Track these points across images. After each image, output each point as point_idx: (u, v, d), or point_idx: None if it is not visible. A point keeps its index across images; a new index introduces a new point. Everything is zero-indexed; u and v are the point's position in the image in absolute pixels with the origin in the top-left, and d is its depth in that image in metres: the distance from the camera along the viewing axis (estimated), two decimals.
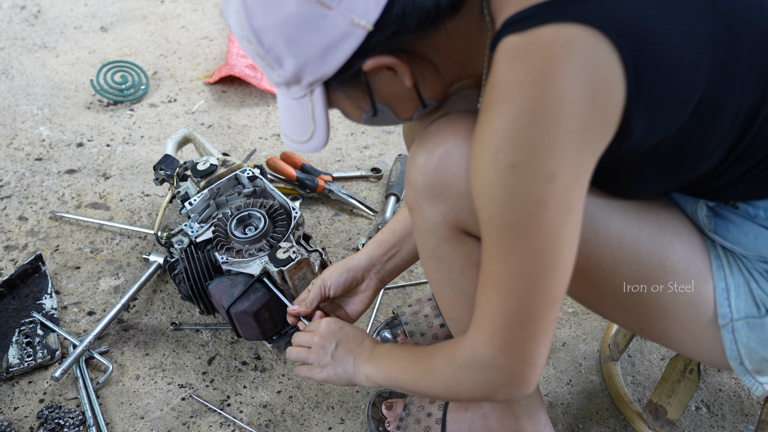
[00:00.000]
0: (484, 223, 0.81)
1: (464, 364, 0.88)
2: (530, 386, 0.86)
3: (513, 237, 0.78)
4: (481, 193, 0.80)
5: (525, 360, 0.83)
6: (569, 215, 0.78)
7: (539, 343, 0.82)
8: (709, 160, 0.87)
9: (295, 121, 0.91)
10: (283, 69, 0.83)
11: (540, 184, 0.75)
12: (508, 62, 0.76)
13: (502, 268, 0.80)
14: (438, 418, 1.21)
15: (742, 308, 0.93)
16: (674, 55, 0.77)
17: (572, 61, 0.73)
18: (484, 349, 0.85)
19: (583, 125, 0.75)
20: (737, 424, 1.34)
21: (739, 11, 0.81)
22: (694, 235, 0.96)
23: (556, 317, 0.82)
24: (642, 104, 0.78)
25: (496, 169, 0.76)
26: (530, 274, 0.79)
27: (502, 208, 0.78)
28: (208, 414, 1.37)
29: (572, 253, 0.80)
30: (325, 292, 1.19)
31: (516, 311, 0.81)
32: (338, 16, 0.78)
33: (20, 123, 2.14)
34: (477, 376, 0.87)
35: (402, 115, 0.92)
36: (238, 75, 2.21)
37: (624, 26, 0.75)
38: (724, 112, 0.82)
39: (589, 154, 0.77)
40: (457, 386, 0.91)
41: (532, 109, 0.74)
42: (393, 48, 0.81)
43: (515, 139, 0.75)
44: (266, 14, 0.80)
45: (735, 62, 0.80)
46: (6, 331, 1.49)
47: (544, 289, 0.80)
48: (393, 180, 1.85)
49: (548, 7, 0.76)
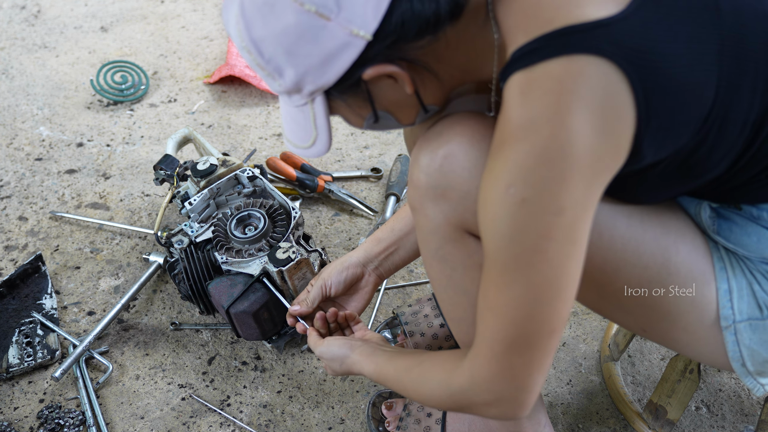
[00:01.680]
0: (488, 252, 0.81)
1: (461, 390, 0.89)
2: (524, 411, 0.86)
3: (517, 268, 0.78)
4: (488, 226, 0.80)
5: (521, 386, 0.83)
6: (574, 246, 0.78)
7: (536, 370, 0.82)
8: (716, 169, 0.87)
9: (297, 128, 0.91)
10: (283, 79, 0.83)
11: (548, 218, 0.76)
12: (520, 99, 0.76)
13: (503, 298, 0.80)
14: (438, 419, 1.21)
15: (744, 310, 0.93)
16: (683, 76, 0.77)
17: (584, 94, 0.74)
18: (481, 374, 0.85)
19: (595, 158, 0.75)
20: (737, 424, 1.34)
21: (745, 22, 0.81)
22: (698, 237, 0.96)
23: (555, 347, 0.82)
24: (652, 129, 0.78)
25: (506, 203, 0.76)
26: (531, 304, 0.79)
27: (508, 241, 0.78)
28: (208, 414, 1.37)
29: (575, 283, 0.80)
30: (326, 292, 1.19)
31: (514, 339, 0.81)
32: (337, 27, 0.77)
33: (20, 123, 2.14)
34: (473, 400, 0.88)
35: (404, 120, 0.92)
36: (238, 75, 2.21)
37: (633, 53, 0.75)
38: (731, 123, 0.82)
39: (599, 185, 0.78)
40: (452, 407, 0.92)
41: (545, 146, 0.74)
42: (393, 57, 0.81)
43: (527, 175, 0.75)
44: (265, 26, 0.80)
45: (741, 74, 0.80)
46: (6, 331, 1.49)
47: (544, 320, 0.80)
48: (393, 180, 1.85)
49: (556, 38, 0.76)
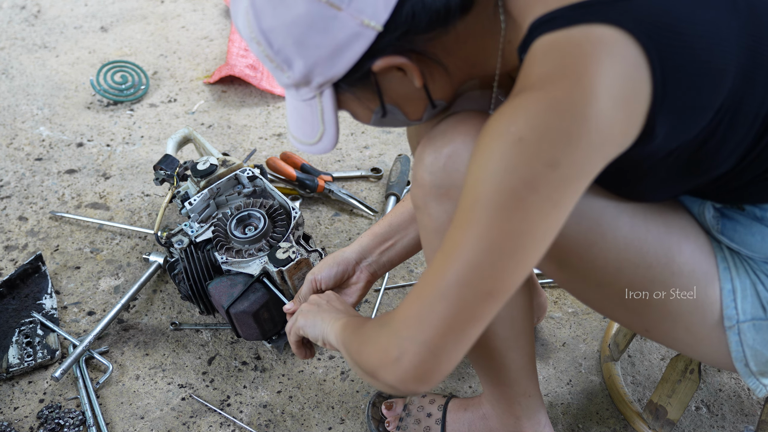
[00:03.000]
0: (465, 189, 0.75)
1: (383, 323, 0.83)
2: (424, 381, 0.77)
3: (486, 206, 0.72)
4: (476, 159, 0.75)
5: (434, 346, 0.76)
6: (554, 209, 0.73)
7: (458, 335, 0.75)
8: (723, 165, 0.86)
9: (304, 123, 0.91)
10: (292, 71, 0.83)
11: (538, 167, 0.72)
12: (540, 57, 0.75)
13: (459, 236, 0.74)
14: (438, 419, 1.21)
15: (748, 310, 0.92)
16: (702, 58, 0.76)
17: (603, 60, 0.72)
18: (398, 319, 0.79)
19: (605, 124, 0.72)
20: (737, 424, 1.34)
21: (759, 15, 0.81)
22: (701, 237, 0.96)
23: (489, 316, 0.75)
24: (667, 108, 0.77)
25: (502, 139, 0.73)
26: (484, 251, 0.73)
27: (490, 176, 0.73)
28: (208, 414, 1.37)
29: (540, 250, 0.74)
30: (316, 286, 1.19)
31: (449, 287, 0.74)
32: (348, 17, 0.77)
33: (20, 123, 2.14)
34: (384, 340, 0.81)
35: (411, 115, 0.92)
36: (238, 75, 2.21)
37: (653, 28, 0.74)
38: (742, 117, 0.81)
39: (601, 157, 0.75)
40: (363, 344, 0.85)
41: (557, 98, 0.72)
42: (403, 49, 0.81)
43: (532, 119, 0.72)
44: (276, 16, 0.79)
45: (756, 68, 0.80)
46: (6, 331, 1.49)
47: (490, 275, 0.73)
48: (393, 180, 1.85)
49: (577, 8, 0.75)
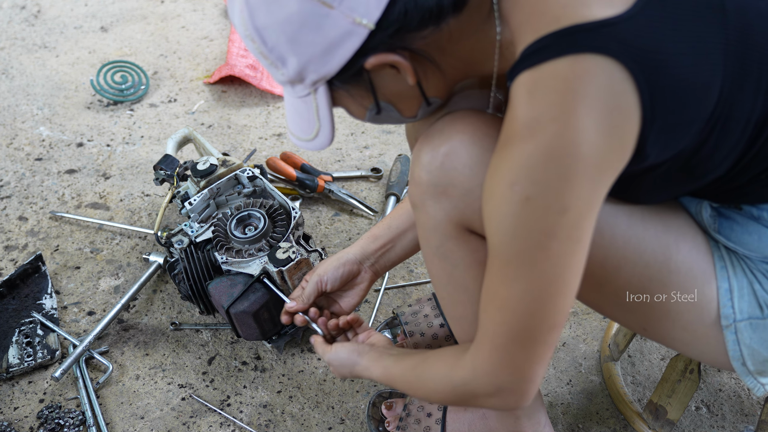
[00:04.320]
0: (492, 247, 0.82)
1: (464, 382, 0.90)
2: (526, 401, 0.88)
3: (520, 264, 0.79)
4: (492, 222, 0.81)
5: (522, 377, 0.85)
6: (577, 245, 0.79)
7: (536, 362, 0.84)
8: (718, 170, 0.87)
9: (300, 119, 0.92)
10: (286, 68, 0.84)
11: (552, 217, 0.76)
12: (527, 98, 0.77)
13: (506, 292, 0.81)
14: (438, 419, 1.21)
15: (745, 309, 0.93)
16: (688, 76, 0.77)
17: (589, 93, 0.74)
18: (483, 366, 0.87)
19: (600, 157, 0.75)
20: (737, 424, 1.34)
21: (750, 21, 0.81)
22: (699, 236, 0.96)
23: (556, 340, 0.84)
24: (657, 128, 0.78)
25: (510, 201, 0.77)
26: (534, 299, 0.80)
27: (512, 237, 0.79)
28: (208, 414, 1.37)
29: (577, 280, 0.81)
30: (322, 287, 1.19)
31: (517, 332, 0.82)
32: (340, 15, 0.78)
33: (20, 123, 2.14)
34: (475, 392, 0.89)
35: (406, 113, 0.92)
36: (238, 75, 2.21)
37: (639, 52, 0.75)
38: (734, 123, 0.82)
39: (603, 185, 0.78)
40: (455, 400, 0.94)
41: (550, 145, 0.74)
42: (395, 46, 0.81)
43: (531, 174, 0.75)
44: (269, 13, 0.80)
45: (745, 74, 0.81)
46: (6, 331, 1.49)
47: (546, 315, 0.81)
48: (393, 180, 1.85)
49: (563, 36, 0.76)
